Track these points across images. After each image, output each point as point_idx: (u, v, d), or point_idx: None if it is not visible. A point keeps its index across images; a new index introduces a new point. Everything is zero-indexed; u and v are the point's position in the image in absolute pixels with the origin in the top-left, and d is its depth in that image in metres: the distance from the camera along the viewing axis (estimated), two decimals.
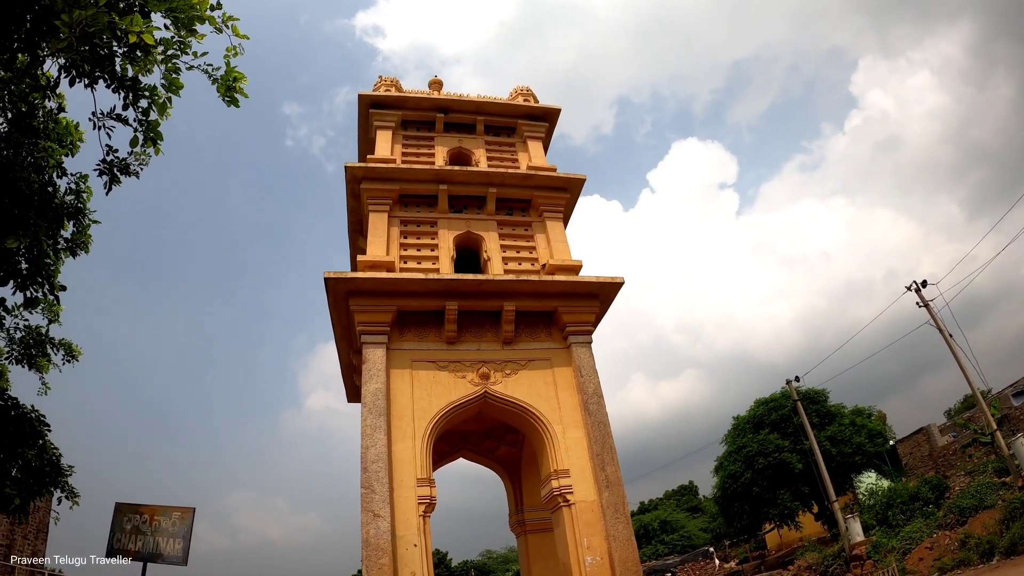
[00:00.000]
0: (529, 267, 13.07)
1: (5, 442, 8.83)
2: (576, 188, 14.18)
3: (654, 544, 48.99)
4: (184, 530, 14.21)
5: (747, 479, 29.53)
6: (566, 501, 10.67)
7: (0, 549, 31.28)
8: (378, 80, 15.50)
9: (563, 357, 12.05)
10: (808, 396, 30.16)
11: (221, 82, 7.13)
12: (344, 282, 11.24)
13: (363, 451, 10.11)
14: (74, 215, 9.12)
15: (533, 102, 15.87)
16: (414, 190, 13.37)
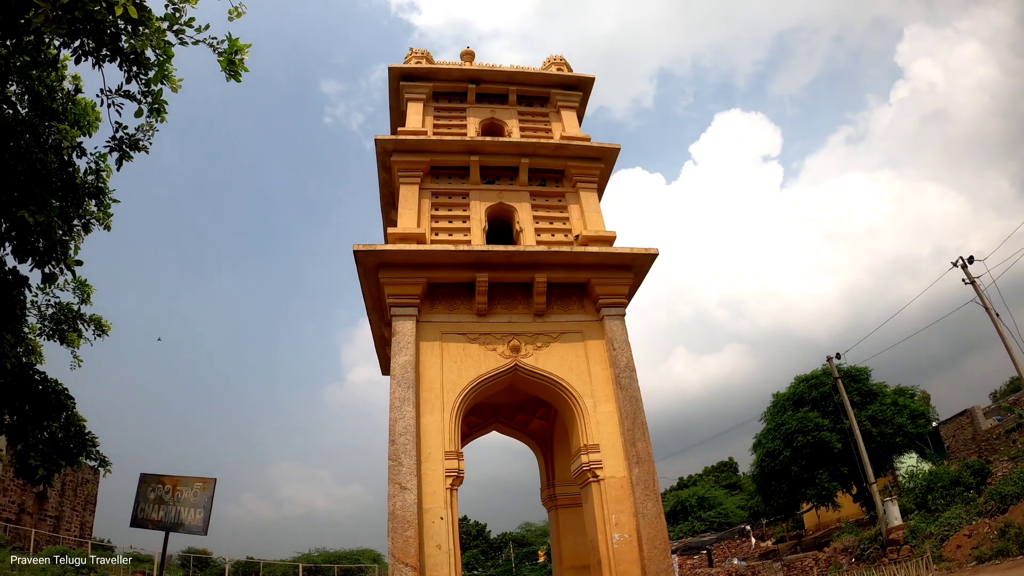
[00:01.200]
0: (562, 238, 12.86)
1: (31, 415, 9.08)
2: (610, 158, 13.87)
3: (691, 521, 48.84)
4: (205, 500, 14.48)
5: (785, 457, 29.09)
6: (595, 476, 10.54)
7: (50, 520, 32.70)
8: (409, 52, 15.33)
9: (595, 330, 11.86)
10: (850, 374, 29.49)
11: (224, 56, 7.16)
12: (374, 254, 11.20)
13: (391, 423, 10.12)
14: (95, 194, 9.29)
15: (567, 71, 15.54)
16: (445, 162, 13.24)
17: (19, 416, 8.97)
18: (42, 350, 10.39)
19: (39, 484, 9.56)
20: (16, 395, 8.98)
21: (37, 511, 32.20)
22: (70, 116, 8.44)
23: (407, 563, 9.12)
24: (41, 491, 31.98)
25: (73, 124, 8.43)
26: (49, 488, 31.52)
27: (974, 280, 22.54)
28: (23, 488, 30.98)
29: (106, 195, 9.54)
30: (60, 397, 9.43)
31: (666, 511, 51.11)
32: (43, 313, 10.56)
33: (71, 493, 34.61)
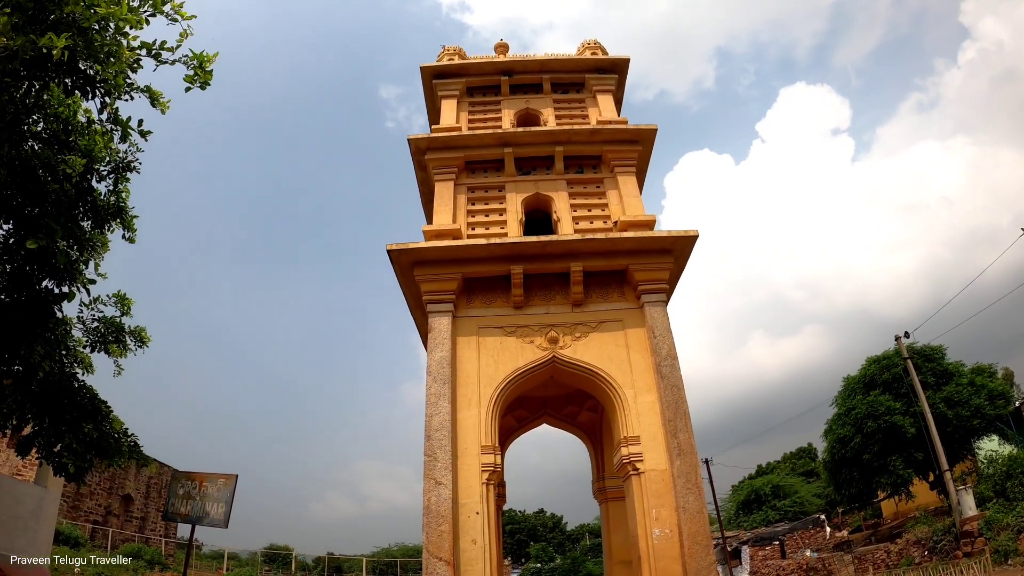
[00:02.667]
0: (601, 225, 12.62)
1: (67, 419, 9.81)
2: (648, 139, 13.51)
3: (765, 510, 47.52)
4: (227, 495, 15.18)
5: (856, 444, 27.87)
6: (635, 469, 10.30)
7: (135, 521, 34.49)
8: (441, 50, 15.39)
9: (636, 318, 11.57)
10: (923, 353, 28.00)
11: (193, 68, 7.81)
12: (407, 253, 11.26)
13: (427, 419, 10.15)
14: (116, 214, 9.99)
15: (601, 55, 15.25)
16: (479, 156, 13.20)
17: (57, 420, 9.70)
18: (90, 360, 11.12)
19: (73, 480, 10.41)
20: (52, 401, 9.70)
21: (123, 513, 34.02)
22: (82, 146, 9.05)
23: (441, 557, 9.14)
24: (126, 494, 33.92)
25: (86, 154, 9.03)
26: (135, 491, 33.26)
27: None
28: (109, 492, 32.82)
29: (127, 212, 10.24)
30: (95, 402, 10.26)
31: (740, 501, 50.49)
32: (87, 327, 11.27)
33: (155, 495, 36.42)
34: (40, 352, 9.18)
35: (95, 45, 7.23)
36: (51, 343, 9.65)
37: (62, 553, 21.67)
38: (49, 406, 9.77)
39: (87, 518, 30.97)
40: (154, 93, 8.34)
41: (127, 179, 10.06)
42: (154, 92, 8.34)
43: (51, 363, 9.51)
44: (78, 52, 7.15)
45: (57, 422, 9.82)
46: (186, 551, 17.25)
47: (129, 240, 10.75)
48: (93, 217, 9.93)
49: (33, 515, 14.11)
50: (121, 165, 9.81)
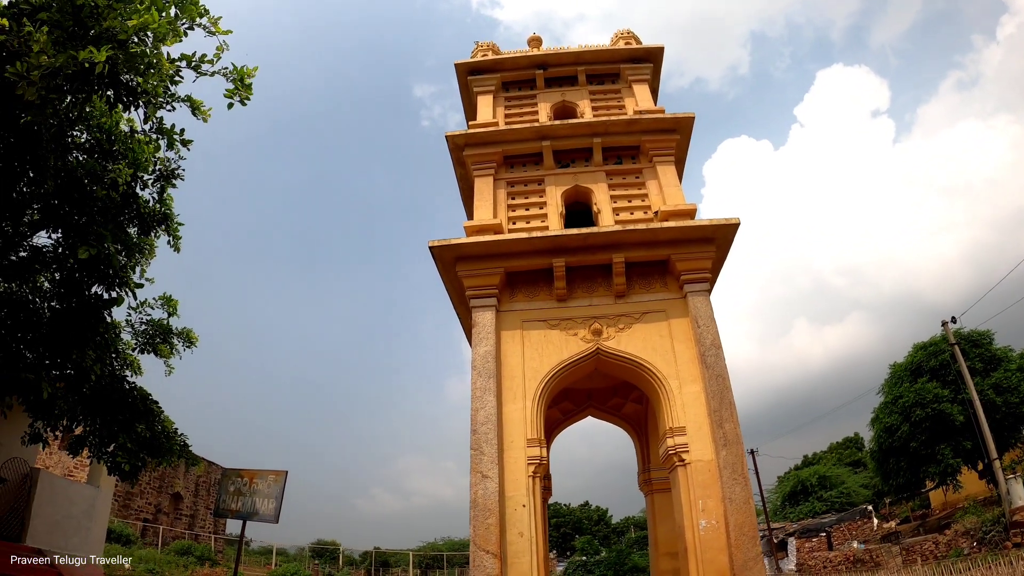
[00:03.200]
0: (641, 215, 12.56)
1: (120, 420, 10.18)
2: (686, 128, 13.39)
3: (811, 501, 46.79)
4: (277, 491, 15.49)
5: (903, 433, 27.29)
6: (681, 460, 10.25)
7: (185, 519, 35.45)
8: (475, 46, 15.45)
9: (679, 308, 11.51)
10: (970, 339, 27.32)
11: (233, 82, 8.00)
12: (449, 249, 11.37)
13: (472, 413, 10.26)
14: (162, 221, 10.32)
15: (635, 44, 15.15)
16: (517, 150, 13.25)
17: (110, 421, 10.07)
18: (139, 363, 11.51)
19: (127, 479, 10.87)
20: (104, 404, 10.08)
21: (173, 511, 34.97)
22: (129, 156, 9.34)
23: (488, 550, 9.24)
24: (176, 492, 34.87)
25: (132, 163, 9.32)
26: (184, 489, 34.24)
27: None
28: (159, 491, 33.76)
29: (172, 220, 10.56)
30: (146, 403, 10.63)
31: (786, 492, 49.80)
32: (136, 329, 11.64)
33: (204, 493, 37.36)
34: (92, 356, 9.48)
35: (135, 57, 7.43)
36: (102, 347, 9.96)
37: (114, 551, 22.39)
38: (101, 408, 10.11)
39: (138, 516, 31.92)
40: (195, 103, 8.58)
41: (173, 186, 10.36)
42: (195, 101, 8.58)
43: (102, 367, 9.84)
44: (119, 65, 7.34)
45: (110, 423, 10.19)
46: (237, 547, 17.68)
47: (174, 248, 11.03)
48: (139, 224, 10.27)
49: (86, 514, 14.57)
50: (166, 173, 10.12)
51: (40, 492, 13.25)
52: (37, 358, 9.04)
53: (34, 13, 6.99)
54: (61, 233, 9.29)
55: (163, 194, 10.44)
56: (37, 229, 9.35)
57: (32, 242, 9.53)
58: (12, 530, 12.48)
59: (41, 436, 10.02)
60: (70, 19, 6.87)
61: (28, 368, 8.65)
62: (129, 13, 7.27)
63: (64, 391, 9.54)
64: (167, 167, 10.11)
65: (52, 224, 9.22)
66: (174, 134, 9.50)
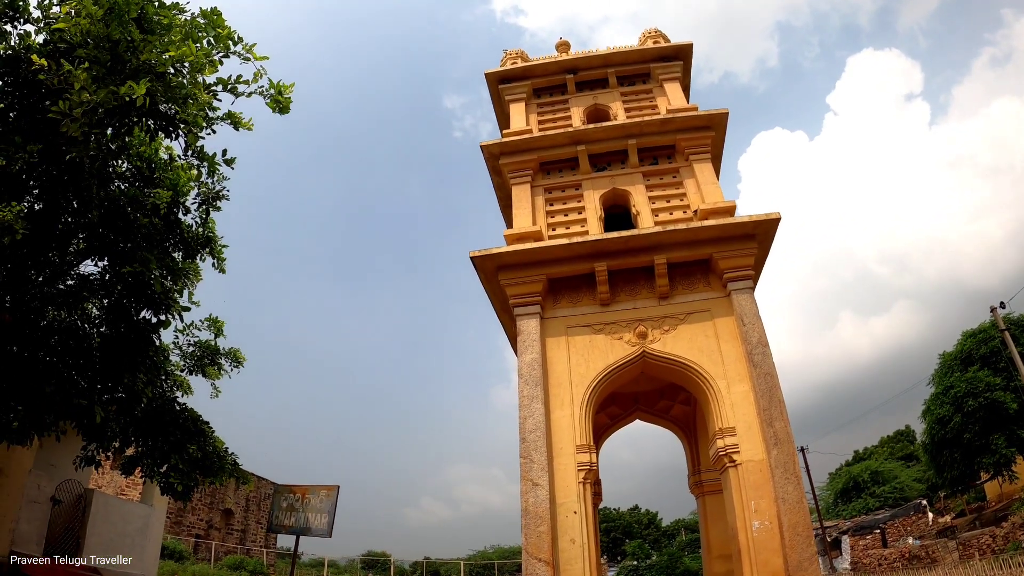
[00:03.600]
0: (681, 215, 12.47)
1: (171, 441, 10.43)
2: (721, 124, 13.26)
3: (864, 497, 45.79)
4: (329, 506, 15.70)
5: (956, 423, 26.63)
6: (732, 461, 10.13)
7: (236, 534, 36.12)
8: (504, 55, 15.53)
9: (723, 306, 11.39)
10: (1020, 324, 26.54)
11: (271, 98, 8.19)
12: (491, 258, 11.44)
13: (521, 421, 10.29)
14: (206, 244, 10.60)
15: (663, 43, 15.07)
16: (552, 156, 13.27)
17: (162, 442, 10.33)
18: (188, 384, 11.77)
19: (180, 499, 11.16)
20: (155, 425, 10.35)
21: (224, 526, 35.65)
22: (167, 182, 9.59)
23: (540, 558, 9.24)
24: (227, 508, 35.56)
25: (171, 188, 9.58)
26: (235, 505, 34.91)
27: None
28: (210, 507, 34.45)
29: (215, 242, 10.79)
30: (198, 423, 10.91)
31: (838, 489, 48.86)
32: (184, 351, 11.91)
33: (255, 508, 38.02)
34: (143, 380, 9.77)
35: (173, 88, 7.63)
36: (152, 370, 10.24)
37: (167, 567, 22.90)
38: (153, 430, 10.37)
39: (190, 532, 32.60)
40: (235, 117, 8.73)
41: (218, 208, 10.56)
42: (235, 116, 8.73)
43: (153, 389, 10.10)
44: (157, 96, 7.56)
45: (162, 444, 10.44)
46: (291, 562, 17.93)
47: (219, 270, 11.25)
48: (184, 248, 10.50)
49: (140, 532, 14.97)
50: (211, 196, 10.36)
51: (95, 512, 13.66)
52: (89, 383, 9.29)
53: (71, 51, 7.23)
54: (107, 261, 9.57)
55: (207, 218, 10.67)
56: (84, 258, 9.64)
57: (79, 270, 9.84)
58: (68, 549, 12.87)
59: (94, 459, 10.30)
60: (107, 55, 7.09)
61: (80, 394, 8.89)
62: (165, 46, 7.49)
63: (116, 414, 9.81)
64: (210, 191, 10.35)
65: (98, 252, 9.50)
66: (216, 161, 9.72)
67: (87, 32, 6.98)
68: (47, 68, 6.85)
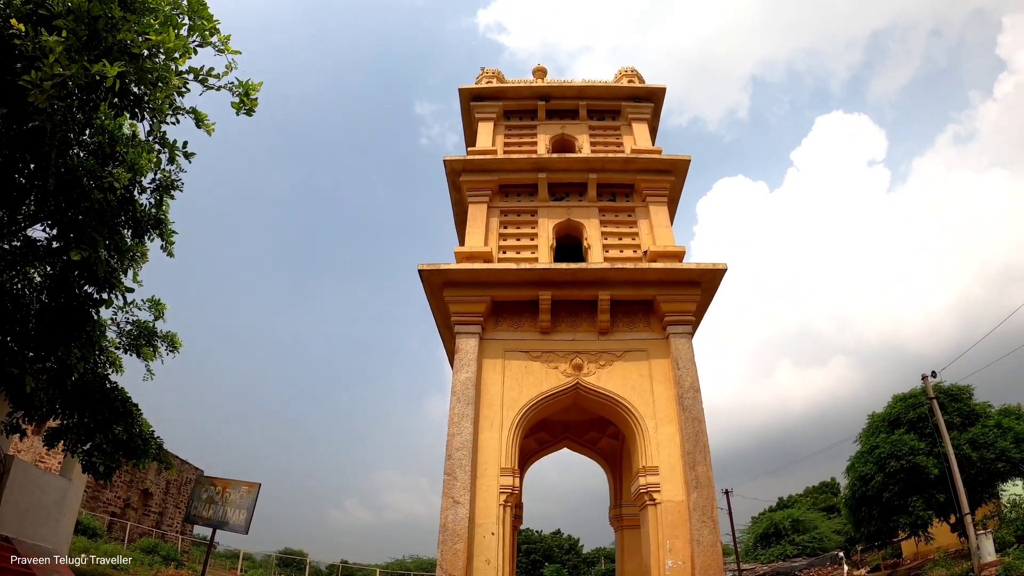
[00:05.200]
0: (631, 254, 12.73)
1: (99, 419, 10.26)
2: (682, 170, 13.57)
3: (783, 544, 46.54)
4: (249, 503, 15.62)
5: (877, 483, 27.49)
6: (652, 500, 10.33)
7: (153, 516, 35.10)
8: (480, 72, 15.66)
9: (661, 348, 11.63)
10: (949, 393, 27.61)
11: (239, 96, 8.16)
12: (438, 273, 11.48)
13: (449, 438, 10.32)
14: (156, 225, 10.46)
15: (638, 83, 15.42)
16: (513, 180, 13.41)
17: (88, 419, 10.12)
18: (120, 362, 11.53)
19: (102, 479, 10.95)
20: (84, 401, 10.17)
21: (141, 507, 34.58)
22: (127, 160, 9.45)
23: (454, 575, 9.28)
24: (146, 489, 34.55)
25: (131, 167, 9.43)
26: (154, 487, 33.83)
27: None
28: (129, 486, 33.39)
29: (166, 225, 10.66)
30: (126, 404, 10.72)
31: (758, 533, 49.70)
32: (121, 329, 11.66)
33: (175, 492, 36.98)
34: (76, 354, 9.54)
35: (145, 70, 7.56)
36: (87, 345, 10.02)
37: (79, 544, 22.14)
38: (81, 404, 10.21)
39: (105, 509, 31.53)
40: (200, 115, 8.70)
41: (172, 197, 10.48)
42: (200, 114, 8.70)
43: (85, 364, 9.89)
44: (128, 77, 7.48)
45: (88, 421, 10.26)
46: (206, 554, 17.58)
47: (168, 253, 11.09)
48: (134, 227, 10.33)
49: (56, 505, 14.49)
50: (165, 184, 10.25)
51: (12, 479, 13.17)
52: (22, 350, 9.07)
53: (50, 19, 7.12)
54: (57, 230, 9.37)
55: (161, 204, 10.54)
56: (33, 222, 9.41)
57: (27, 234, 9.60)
58: None
59: (19, 427, 10.05)
60: (86, 29, 7.00)
61: (13, 361, 8.70)
62: (143, 27, 7.41)
63: (46, 384, 9.58)
64: (167, 178, 10.23)
65: (49, 219, 9.30)
66: (176, 148, 9.62)
67: (69, 4, 6.90)
68: (24, 34, 6.72)
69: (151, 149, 9.70)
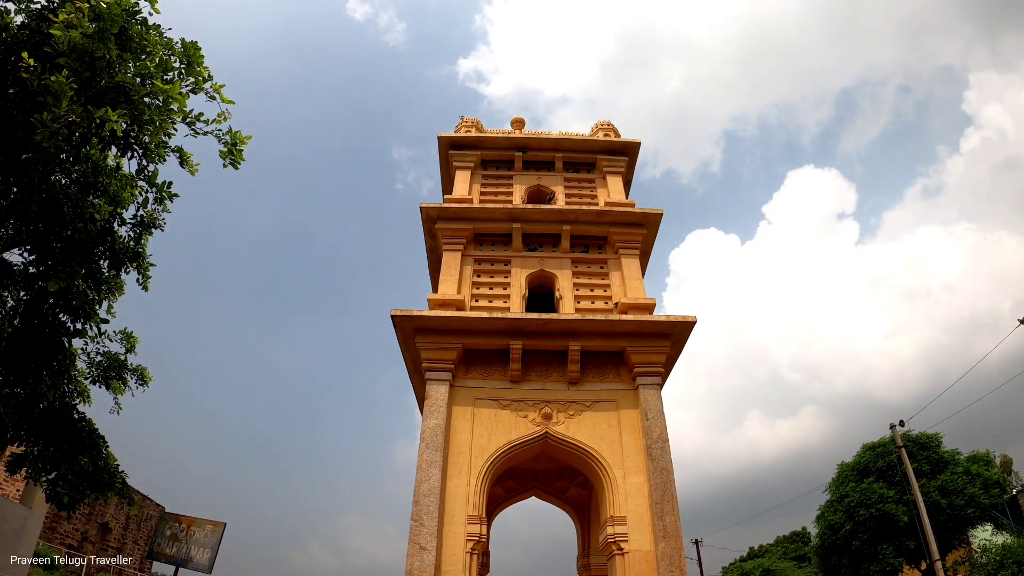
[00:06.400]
0: (602, 305, 12.98)
1: (65, 449, 10.13)
2: (654, 223, 13.95)
3: None
4: (214, 541, 15.39)
5: (847, 531, 27.61)
6: (620, 549, 10.38)
7: (111, 551, 34.06)
8: (459, 121, 16.02)
9: (630, 399, 11.81)
10: (918, 441, 28.05)
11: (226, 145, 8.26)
12: (410, 319, 11.60)
13: (417, 484, 10.33)
14: (134, 258, 10.50)
15: (613, 136, 15.87)
16: (488, 229, 13.66)
17: (54, 449, 10.01)
18: (89, 392, 11.44)
19: (65, 510, 10.70)
20: (51, 430, 10.07)
21: (100, 541, 33.55)
22: (110, 191, 9.53)
23: None
24: (105, 523, 33.57)
25: (112, 199, 9.52)
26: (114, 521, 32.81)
27: None
28: (88, 518, 32.44)
29: (144, 259, 10.68)
30: (93, 436, 10.61)
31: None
32: (91, 359, 11.60)
33: (135, 528, 35.97)
34: (47, 382, 9.48)
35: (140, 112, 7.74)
36: (57, 373, 9.95)
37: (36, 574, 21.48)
38: (47, 433, 10.09)
39: (63, 542, 30.53)
40: (185, 155, 8.84)
41: (151, 234, 10.52)
42: (185, 154, 8.85)
43: (55, 392, 9.81)
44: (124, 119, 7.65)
45: (54, 450, 10.14)
46: None
47: (143, 287, 11.10)
48: (111, 259, 10.34)
49: (15, 534, 14.14)
50: (148, 221, 10.29)
51: None
52: None
53: (54, 57, 7.28)
54: (35, 257, 9.35)
55: (140, 239, 10.57)
56: (11, 245, 9.39)
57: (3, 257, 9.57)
58: None
59: None
60: (87, 70, 7.17)
61: None
62: (139, 69, 7.60)
63: (13, 410, 9.47)
64: (150, 215, 10.26)
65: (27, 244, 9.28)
66: (165, 190, 9.70)
67: (74, 45, 7.06)
68: (32, 68, 6.87)
69: (134, 184, 9.77)
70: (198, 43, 8.28)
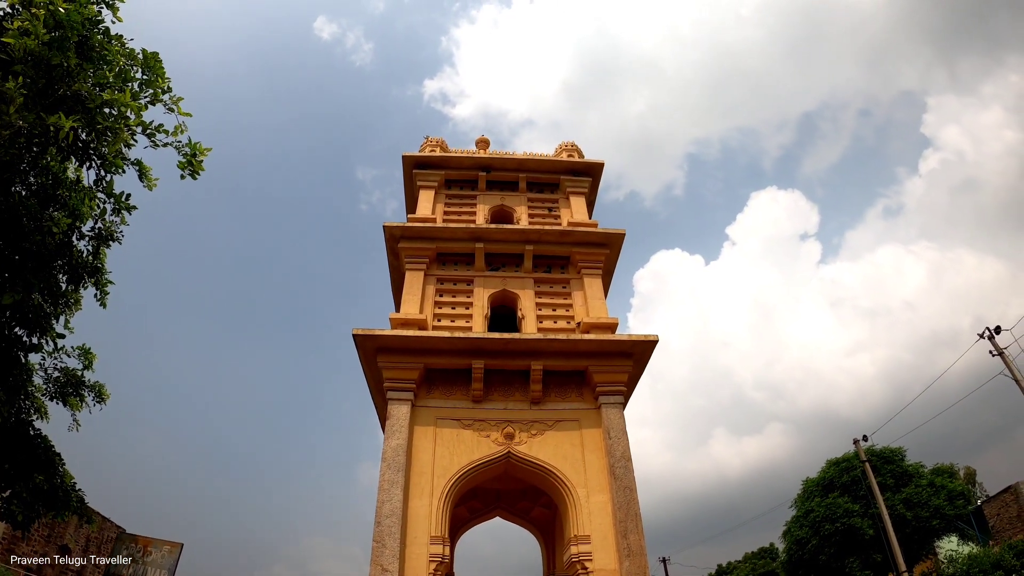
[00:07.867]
0: (565, 325, 13.03)
1: (19, 467, 9.87)
2: (616, 243, 14.09)
3: None
4: (171, 563, 15.13)
5: (813, 546, 27.92)
6: (585, 569, 10.35)
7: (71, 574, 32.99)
8: (424, 140, 16.07)
9: (592, 418, 11.84)
10: (882, 456, 28.55)
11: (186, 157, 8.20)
12: (372, 339, 11.53)
13: (378, 505, 10.20)
14: (93, 274, 10.31)
15: (577, 157, 16.04)
16: (451, 248, 13.67)
17: (9, 466, 9.74)
18: (46, 408, 11.18)
19: (20, 528, 10.45)
20: (6, 447, 9.81)
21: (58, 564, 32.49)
22: (70, 203, 9.37)
23: None
24: (64, 544, 32.54)
25: (72, 212, 9.36)
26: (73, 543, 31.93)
27: (1002, 351, 22.01)
28: (47, 540, 31.42)
29: (103, 274, 10.49)
30: (48, 453, 10.35)
31: None
32: (48, 375, 11.34)
33: (94, 548, 34.97)
34: (1, 398, 9.22)
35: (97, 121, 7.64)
36: (12, 389, 9.69)
37: None
38: (2, 450, 9.80)
39: (19, 564, 29.55)
40: (144, 168, 8.73)
41: (108, 246, 10.33)
42: (144, 167, 8.73)
43: (10, 409, 9.55)
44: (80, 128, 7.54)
45: (9, 467, 9.85)
46: None
47: (101, 304, 10.89)
48: (70, 273, 10.14)
49: None
50: (105, 234, 10.09)
51: None
52: None
53: (9, 65, 7.14)
54: None
55: (98, 252, 10.39)
56: None
57: None
58: None
59: None
60: (43, 77, 7.06)
61: None
62: (98, 78, 7.51)
63: None
64: (108, 227, 10.09)
65: None
66: (123, 201, 9.54)
67: (30, 51, 6.94)
68: None
69: (93, 196, 9.60)
70: (159, 54, 8.24)
